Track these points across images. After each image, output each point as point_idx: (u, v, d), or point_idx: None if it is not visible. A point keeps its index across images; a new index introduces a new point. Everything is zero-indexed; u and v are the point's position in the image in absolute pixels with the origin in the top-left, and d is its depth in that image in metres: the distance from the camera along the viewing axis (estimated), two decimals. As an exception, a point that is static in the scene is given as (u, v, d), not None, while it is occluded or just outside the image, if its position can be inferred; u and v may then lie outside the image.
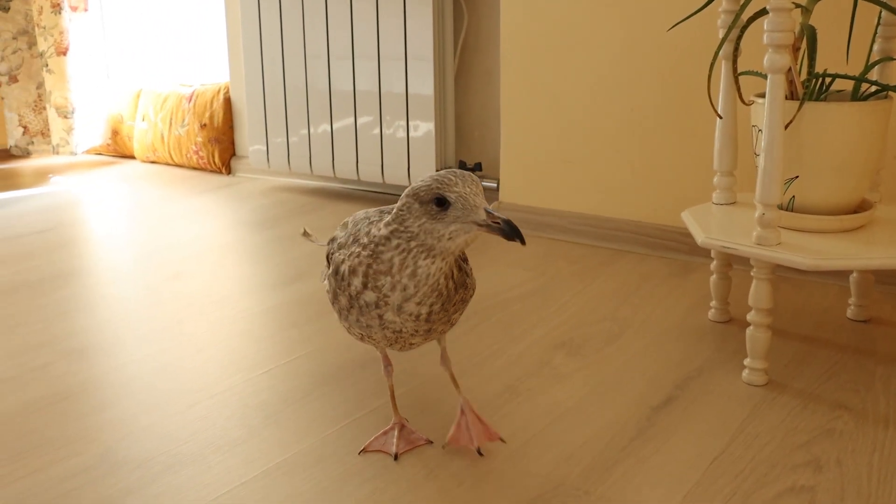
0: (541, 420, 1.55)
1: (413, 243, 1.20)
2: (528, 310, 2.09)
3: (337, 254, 1.34)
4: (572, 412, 1.57)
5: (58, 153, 4.18)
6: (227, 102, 3.75)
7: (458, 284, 1.30)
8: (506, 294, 2.20)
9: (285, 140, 3.31)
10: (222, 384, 1.72)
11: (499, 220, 1.15)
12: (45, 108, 4.17)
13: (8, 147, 4.35)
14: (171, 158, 3.96)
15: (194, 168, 3.92)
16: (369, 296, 1.26)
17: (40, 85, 4.14)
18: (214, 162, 3.77)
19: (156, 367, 1.80)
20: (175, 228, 2.98)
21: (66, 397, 1.69)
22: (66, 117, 4.07)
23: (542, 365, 1.78)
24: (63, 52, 4.00)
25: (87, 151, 4.29)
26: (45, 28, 3.98)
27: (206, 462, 1.43)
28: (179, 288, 2.33)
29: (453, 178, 1.17)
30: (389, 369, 1.48)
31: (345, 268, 1.30)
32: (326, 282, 1.39)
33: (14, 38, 4.11)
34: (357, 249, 1.28)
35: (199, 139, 3.79)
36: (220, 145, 3.75)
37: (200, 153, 3.80)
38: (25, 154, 4.34)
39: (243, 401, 1.65)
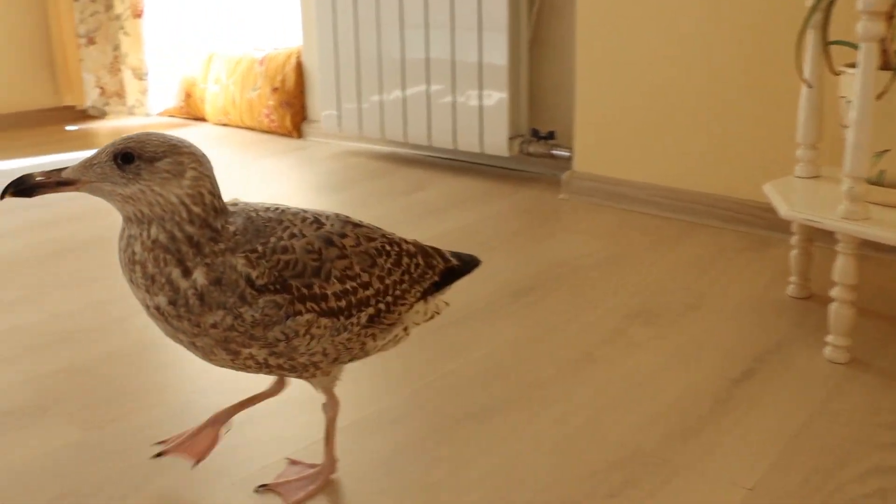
0: (617, 387, 1.54)
1: None
2: (601, 278, 2.07)
3: None
4: (649, 380, 1.56)
5: (133, 114, 4.25)
6: (299, 67, 3.77)
7: (210, 281, 1.05)
8: (577, 262, 2.18)
9: (357, 105, 3.32)
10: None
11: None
12: (120, 70, 4.24)
13: (85, 108, 4.43)
14: (243, 121, 4.00)
15: (265, 131, 3.95)
16: None
17: (116, 47, 4.20)
18: (285, 125, 3.80)
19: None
20: (248, 190, 3.01)
21: (147, 348, 1.72)
22: (140, 79, 4.13)
23: (618, 333, 1.76)
24: (138, 15, 4.06)
25: (161, 113, 4.35)
26: (122, -10, 4.04)
27: (284, 417, 1.45)
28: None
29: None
30: (276, 384, 1.35)
31: None
32: None
33: (92, 1, 4.17)
34: None
35: (271, 103, 3.81)
36: (291, 109, 3.77)
37: (272, 116, 3.83)
38: (101, 115, 4.42)
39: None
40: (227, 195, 2.95)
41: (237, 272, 1.05)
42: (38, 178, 1.03)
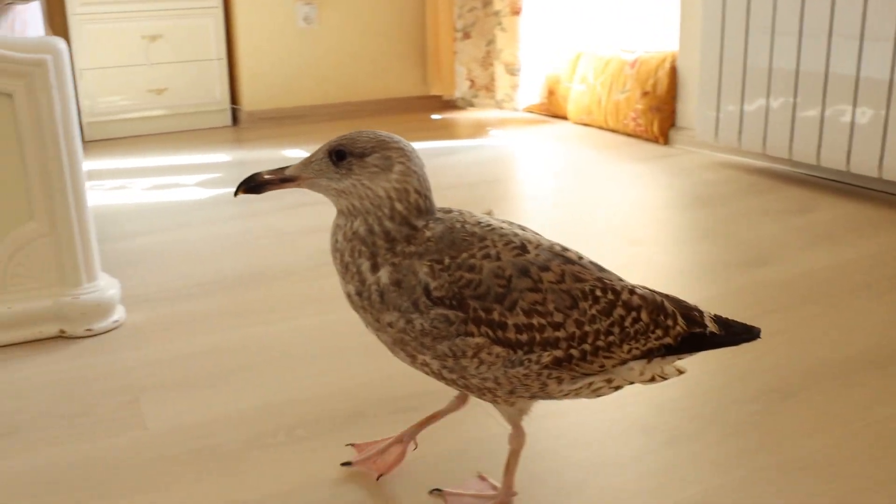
0: None
1: None
2: None
3: None
4: None
5: (501, 108, 4.36)
6: (673, 71, 3.67)
7: (392, 281, 1.06)
8: None
9: (738, 115, 3.16)
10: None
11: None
12: (492, 64, 4.36)
13: (453, 98, 4.61)
14: (606, 123, 3.97)
15: (629, 135, 3.89)
16: None
17: (490, 42, 4.33)
18: (652, 131, 3.72)
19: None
20: (608, 194, 2.96)
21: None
22: (512, 74, 4.22)
23: None
24: (517, 13, 4.14)
25: (525, 109, 4.43)
26: (502, -12, 4.15)
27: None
28: (636, 255, 2.30)
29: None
30: (457, 399, 1.31)
31: None
32: None
33: (472, -3, 4.33)
34: None
35: (639, 106, 3.74)
36: (660, 114, 3.68)
37: (638, 121, 3.76)
38: (469, 106, 4.58)
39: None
40: (583, 196, 2.92)
41: (417, 279, 1.05)
42: (265, 177, 1.11)
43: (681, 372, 1.22)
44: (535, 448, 1.37)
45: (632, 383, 1.18)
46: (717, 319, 1.21)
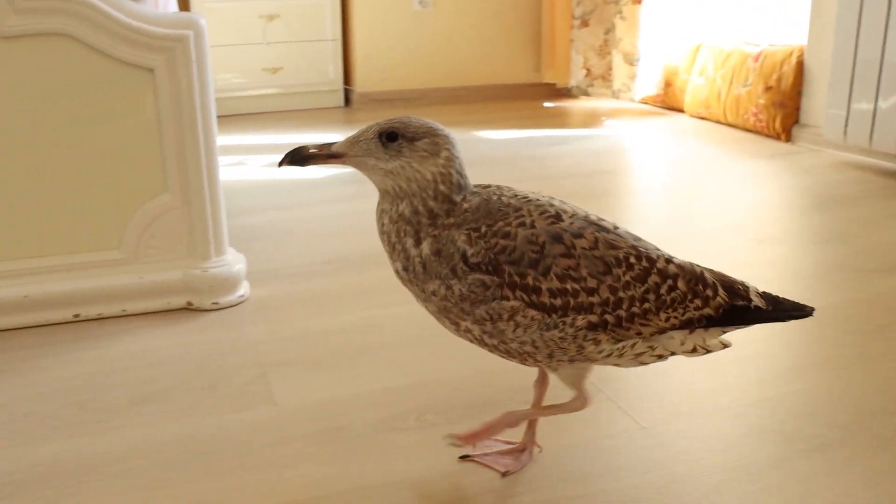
0: None
1: None
2: None
3: None
4: None
5: (618, 98, 4.29)
6: (799, 66, 3.54)
7: (432, 251, 1.11)
8: None
9: (871, 114, 3.03)
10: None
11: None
12: (609, 53, 4.29)
13: (567, 86, 4.56)
14: (725, 117, 3.86)
15: (748, 130, 3.77)
16: None
17: (608, 31, 4.25)
18: (774, 127, 3.60)
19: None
20: (727, 190, 2.88)
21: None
22: (631, 64, 4.14)
23: None
24: (638, 1, 4.06)
25: (641, 100, 4.34)
26: (624, -25, 4.07)
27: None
28: (763, 254, 2.22)
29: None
30: (538, 383, 1.32)
31: None
32: None
33: (592, -16, 4.26)
34: None
35: (762, 101, 3.63)
36: (783, 110, 3.56)
37: (759, 116, 3.64)
38: (583, 95, 4.52)
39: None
40: (702, 191, 2.84)
41: (455, 246, 1.10)
42: (311, 150, 1.15)
43: (725, 346, 1.22)
44: (672, 450, 1.34)
45: (674, 353, 1.19)
46: (766, 296, 1.21)
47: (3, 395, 1.54)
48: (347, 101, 4.53)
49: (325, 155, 1.15)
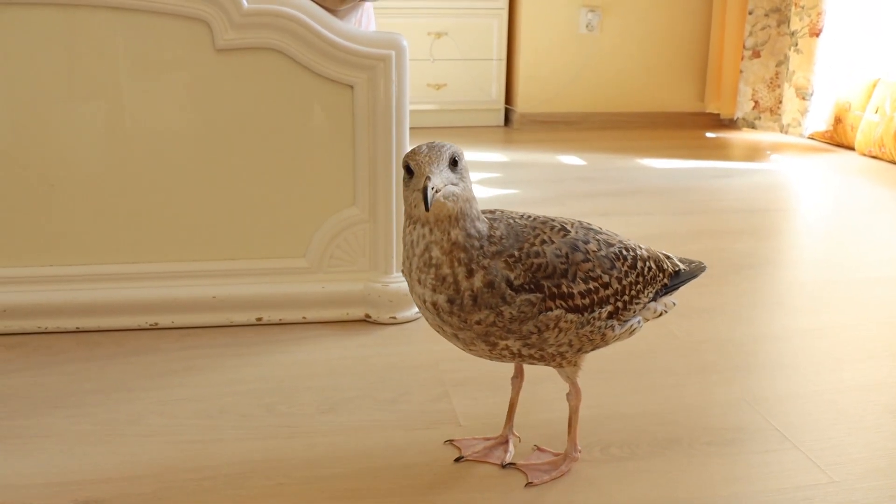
0: None
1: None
2: None
3: None
4: None
5: (786, 132, 4.17)
6: None
7: (485, 284, 1.15)
8: None
9: None
10: None
11: (421, 188, 1.10)
12: (780, 86, 4.17)
13: (733, 118, 4.46)
14: (900, 158, 3.70)
15: (927, 174, 3.61)
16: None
17: (780, 63, 4.14)
18: (957, 172, 3.43)
19: None
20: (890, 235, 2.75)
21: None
22: (803, 98, 4.02)
23: None
24: (816, 34, 3.93)
25: (809, 136, 4.21)
26: (802, 8, 3.95)
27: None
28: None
29: (422, 146, 1.14)
30: (515, 381, 1.43)
31: None
32: None
33: (766, 15, 4.15)
34: None
35: (945, 145, 3.46)
36: (969, 156, 3.39)
37: (942, 160, 3.48)
38: (750, 127, 4.41)
39: None
40: (873, 237, 2.72)
41: (501, 275, 1.16)
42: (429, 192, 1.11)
43: (674, 304, 1.43)
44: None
45: (648, 320, 1.37)
46: (681, 259, 1.44)
47: (201, 389, 1.62)
48: (507, 120, 4.55)
49: (436, 191, 1.10)
